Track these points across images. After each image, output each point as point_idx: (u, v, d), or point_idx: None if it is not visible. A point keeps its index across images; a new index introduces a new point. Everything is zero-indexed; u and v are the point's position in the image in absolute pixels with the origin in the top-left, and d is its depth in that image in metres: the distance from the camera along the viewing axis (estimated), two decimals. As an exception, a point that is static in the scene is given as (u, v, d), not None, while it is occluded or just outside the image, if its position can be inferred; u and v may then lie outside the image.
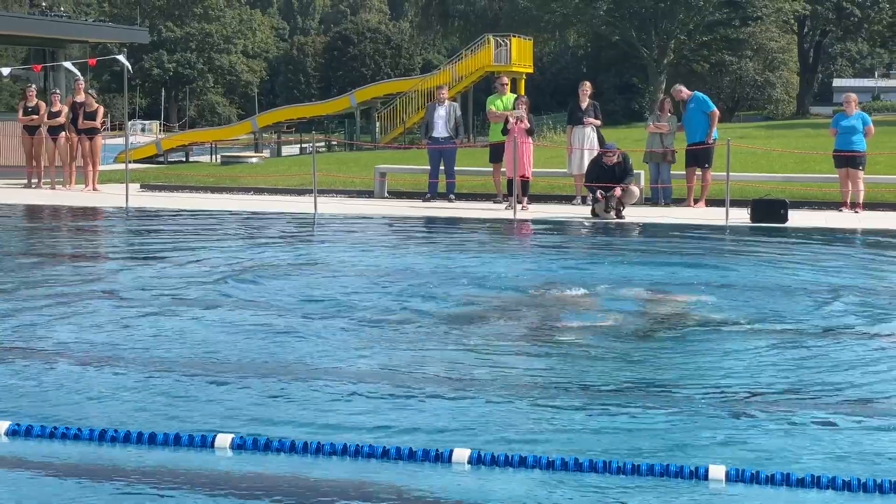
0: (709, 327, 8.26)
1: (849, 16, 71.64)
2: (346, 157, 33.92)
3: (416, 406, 6.08)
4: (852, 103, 18.17)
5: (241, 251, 12.98)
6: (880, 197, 18.60)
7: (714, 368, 7.06)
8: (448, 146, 19.70)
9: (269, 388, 6.42)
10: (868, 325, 8.42)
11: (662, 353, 7.47)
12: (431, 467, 5.02)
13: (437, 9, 73.29)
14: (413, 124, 45.20)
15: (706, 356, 7.46)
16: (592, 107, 19.07)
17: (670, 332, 8.07)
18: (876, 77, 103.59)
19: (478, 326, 8.33)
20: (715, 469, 4.83)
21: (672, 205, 18.69)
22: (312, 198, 18.28)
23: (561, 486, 4.82)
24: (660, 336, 7.96)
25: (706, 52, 68.95)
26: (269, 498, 4.66)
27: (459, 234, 15.47)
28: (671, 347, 7.64)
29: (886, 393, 6.41)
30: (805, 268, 11.53)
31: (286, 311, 8.90)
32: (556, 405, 6.12)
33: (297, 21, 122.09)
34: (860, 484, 4.68)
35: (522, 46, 48.36)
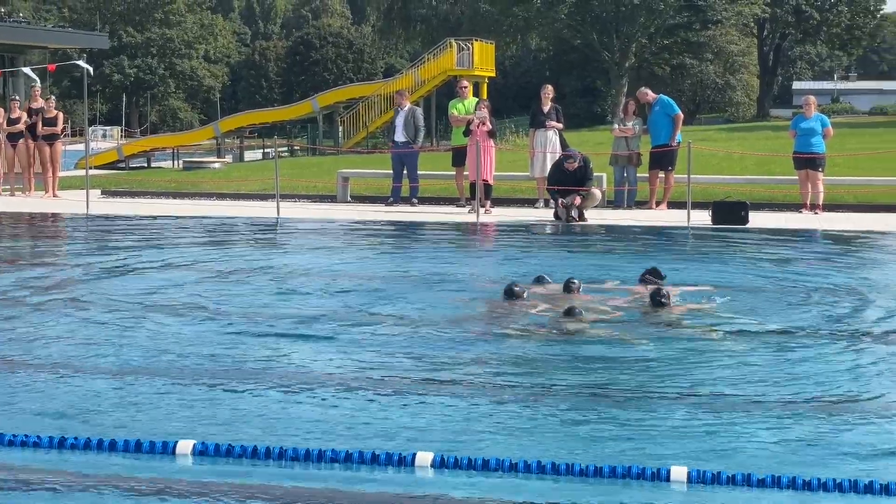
0: (672, 328, 8.29)
1: (808, 19, 72.28)
2: (308, 162, 33.86)
3: (380, 410, 6.07)
4: (811, 105, 18.31)
5: (202, 257, 12.91)
6: (840, 198, 18.74)
7: (676, 368, 7.09)
8: (405, 150, 19.69)
9: (230, 393, 6.38)
10: (835, 325, 8.47)
11: (626, 354, 7.49)
12: (395, 471, 5.01)
13: (399, 13, 73.26)
14: (376, 128, 45.18)
15: (671, 356, 7.49)
16: (554, 110, 19.11)
17: (634, 333, 8.09)
18: (835, 79, 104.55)
19: (439, 329, 8.32)
20: (677, 470, 4.85)
21: (634, 207, 18.76)
22: (275, 203, 18.21)
23: (524, 488, 4.82)
24: (624, 336, 7.98)
25: (667, 55, 69.41)
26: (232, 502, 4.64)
27: (422, 238, 15.46)
28: (635, 348, 7.66)
29: (856, 393, 6.45)
30: (768, 267, 11.59)
31: (246, 316, 8.86)
32: (520, 408, 6.12)
33: (259, 26, 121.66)
34: (820, 483, 4.72)
35: (484, 50, 48.44)
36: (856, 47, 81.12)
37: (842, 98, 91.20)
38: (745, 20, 68.54)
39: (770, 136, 40.09)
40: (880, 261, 12.95)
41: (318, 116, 50.00)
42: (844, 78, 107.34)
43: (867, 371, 7.02)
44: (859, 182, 19.93)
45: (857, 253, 13.68)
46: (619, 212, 18.35)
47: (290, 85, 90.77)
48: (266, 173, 23.93)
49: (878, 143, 32.00)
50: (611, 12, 61.04)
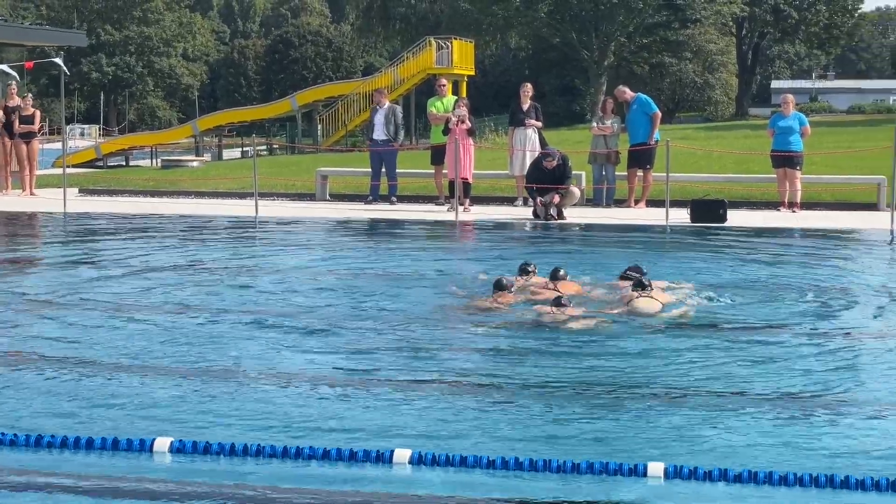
0: (652, 324, 8.31)
1: (786, 18, 72.50)
2: (287, 161, 33.80)
3: (357, 407, 6.06)
4: (789, 104, 18.38)
5: (179, 255, 12.88)
6: (817, 196, 18.82)
7: (655, 364, 7.11)
8: (385, 149, 19.68)
9: (208, 390, 6.37)
10: (811, 321, 8.50)
11: (605, 350, 7.51)
12: (373, 467, 5.00)
13: (378, 12, 73.19)
14: (355, 127, 45.13)
15: (649, 352, 7.51)
16: (534, 108, 19.11)
17: (612, 329, 8.11)
18: (813, 78, 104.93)
19: (417, 326, 8.33)
20: (654, 466, 4.86)
21: (613, 205, 18.79)
22: (253, 201, 18.17)
23: (502, 485, 4.82)
24: (601, 333, 8.00)
25: (646, 54, 69.54)
26: (209, 501, 4.63)
27: (401, 236, 15.46)
28: (615, 344, 7.68)
29: (829, 388, 6.48)
30: (746, 265, 11.63)
31: (222, 314, 8.84)
32: (498, 404, 6.12)
33: (238, 24, 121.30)
34: (796, 478, 4.74)
35: (464, 49, 48.44)
36: (834, 46, 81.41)
37: (820, 97, 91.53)
38: (723, 19, 68.72)
39: (748, 134, 40.20)
40: (857, 258, 13.02)
41: (297, 115, 49.91)
42: (822, 77, 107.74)
43: (841, 367, 7.06)
44: (837, 180, 20.02)
45: (834, 251, 13.73)
46: (598, 210, 18.37)
47: (269, 83, 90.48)
48: (245, 172, 23.87)
49: (855, 142, 32.13)
50: (590, 11, 61.11)
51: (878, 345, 7.74)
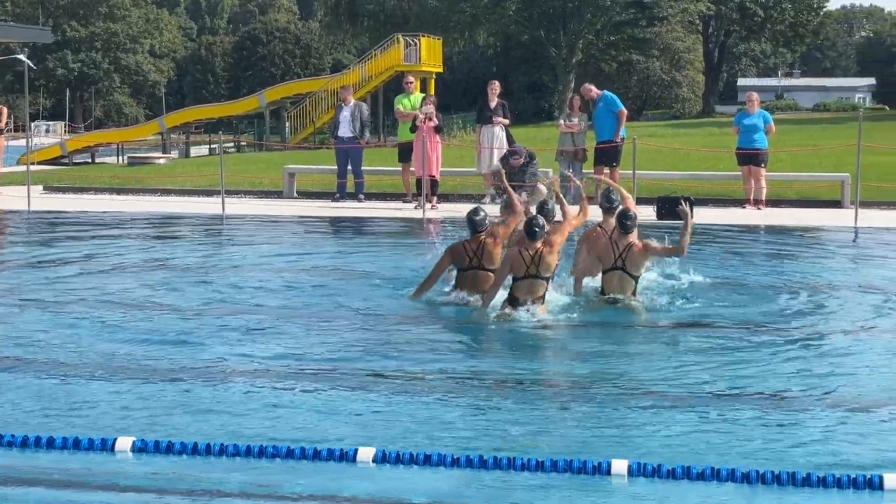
0: (624, 321, 8.33)
1: (752, 16, 72.89)
2: (255, 158, 33.66)
3: (321, 405, 6.05)
4: (754, 102, 18.47)
5: (144, 253, 12.81)
6: (782, 194, 18.92)
7: (622, 361, 7.13)
8: (352, 146, 19.64)
9: (171, 390, 6.34)
10: (779, 319, 8.54)
11: (573, 347, 7.53)
12: (336, 466, 4.99)
13: (346, 8, 72.93)
14: (323, 124, 44.97)
15: (611, 350, 7.53)
16: (501, 106, 19.11)
17: (583, 327, 8.13)
18: (779, 76, 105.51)
19: (383, 324, 8.32)
20: (618, 464, 4.87)
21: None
22: (220, 199, 18.09)
23: (466, 483, 4.82)
24: (571, 330, 8.02)
25: (614, 51, 69.67)
26: (173, 499, 4.61)
27: (368, 233, 15.43)
28: (575, 342, 7.70)
29: (794, 386, 6.52)
30: (711, 263, 11.68)
31: (187, 312, 8.81)
32: (463, 402, 6.13)
33: (205, 21, 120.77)
34: (758, 476, 4.76)
35: (432, 46, 48.40)
36: (799, 44, 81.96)
37: (786, 95, 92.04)
38: (690, 17, 68.95)
39: (715, 132, 40.37)
40: (821, 256, 13.10)
41: (265, 112, 49.72)
42: (788, 75, 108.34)
43: (806, 365, 7.10)
44: (801, 178, 20.14)
45: (798, 248, 13.81)
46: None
47: (236, 80, 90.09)
48: (212, 169, 23.77)
49: (820, 140, 32.32)
50: (558, 8, 61.16)
51: (843, 341, 7.79)
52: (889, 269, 11.48)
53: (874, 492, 4.68)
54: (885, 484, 4.69)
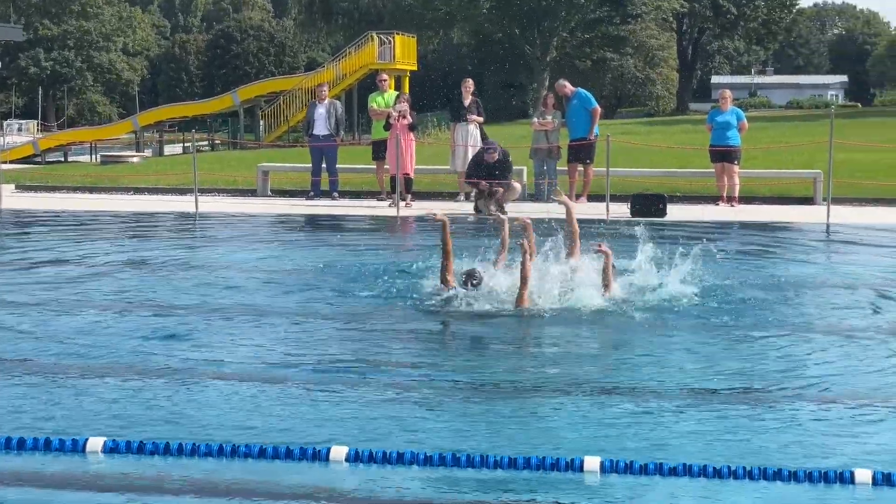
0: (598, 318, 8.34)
1: (725, 13, 73.26)
2: (229, 156, 33.55)
3: (294, 404, 6.03)
4: (727, 99, 18.53)
5: (117, 252, 12.75)
6: (755, 190, 19.00)
7: (595, 358, 7.14)
8: (328, 144, 19.63)
9: (142, 389, 6.31)
10: (753, 316, 8.56)
11: (540, 346, 7.53)
12: (309, 465, 4.98)
13: (320, 6, 72.81)
14: (297, 122, 44.85)
15: (590, 346, 7.55)
16: (475, 104, 19.13)
17: (555, 325, 8.13)
18: (752, 74, 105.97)
19: (355, 322, 8.31)
20: (590, 460, 4.88)
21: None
22: (193, 197, 18.01)
23: (439, 481, 4.82)
24: (543, 328, 8.02)
25: (588, 49, 69.84)
26: (146, 500, 4.59)
27: (342, 231, 15.40)
28: (549, 339, 7.71)
29: (770, 383, 6.54)
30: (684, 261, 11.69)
31: (159, 311, 8.77)
32: (435, 400, 6.12)
33: (179, 18, 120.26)
34: (730, 471, 4.78)
35: (406, 44, 48.36)
36: (772, 42, 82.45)
37: (759, 92, 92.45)
38: (664, 15, 69.20)
39: (689, 129, 40.48)
40: (793, 252, 13.15)
41: (239, 110, 49.55)
42: (761, 72, 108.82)
43: (779, 361, 7.12)
44: (774, 175, 20.23)
45: (772, 244, 13.87)
46: (539, 205, 18.40)
47: (210, 78, 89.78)
48: (186, 167, 23.67)
49: (792, 137, 32.52)
50: (532, 6, 61.23)
51: (815, 338, 7.82)
52: (861, 265, 11.54)
53: (845, 486, 4.70)
54: (855, 478, 4.71)
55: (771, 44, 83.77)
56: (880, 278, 10.44)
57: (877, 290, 9.78)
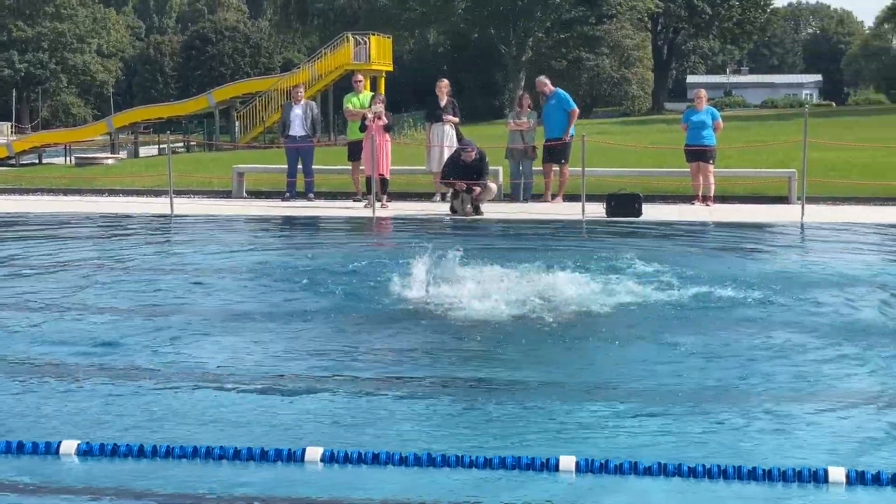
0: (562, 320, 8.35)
1: (700, 13, 73.56)
2: (205, 158, 33.46)
3: (268, 405, 6.02)
4: (702, 99, 18.58)
5: (92, 253, 12.69)
6: (731, 190, 19.08)
7: (567, 358, 7.15)
8: (305, 145, 19.62)
9: (115, 392, 6.28)
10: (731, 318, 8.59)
11: (516, 346, 7.53)
12: (285, 467, 4.97)
13: (296, 7, 72.77)
14: (273, 123, 44.78)
15: (560, 347, 7.55)
16: (451, 104, 19.14)
17: (524, 325, 8.14)
18: (727, 73, 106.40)
19: (331, 323, 8.29)
20: (565, 460, 4.88)
21: (530, 200, 18.88)
22: (169, 199, 17.94)
23: (415, 482, 4.82)
24: (513, 328, 8.02)
25: (564, 49, 70.00)
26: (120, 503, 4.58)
27: (318, 232, 15.39)
28: (524, 339, 7.71)
29: (743, 382, 6.56)
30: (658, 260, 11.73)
31: (135, 312, 8.73)
32: (409, 401, 6.11)
33: (154, 20, 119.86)
34: (705, 470, 4.79)
35: (382, 45, 48.35)
36: (747, 41, 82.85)
37: (734, 91, 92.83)
38: (639, 15, 69.43)
39: (664, 128, 40.64)
40: (768, 251, 13.20)
41: (215, 111, 49.46)
42: (736, 72, 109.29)
43: (753, 361, 7.14)
44: (749, 174, 20.31)
45: (747, 243, 13.92)
46: (515, 205, 18.44)
47: (185, 80, 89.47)
48: (160, 169, 23.60)
49: (767, 136, 32.66)
50: (507, 6, 61.33)
51: (790, 337, 7.84)
52: (835, 264, 11.58)
53: (819, 484, 4.72)
54: (829, 477, 4.73)
55: (745, 43, 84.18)
56: (855, 278, 10.49)
57: (852, 289, 9.82)
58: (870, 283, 10.06)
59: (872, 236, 14.48)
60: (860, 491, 4.68)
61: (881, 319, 8.50)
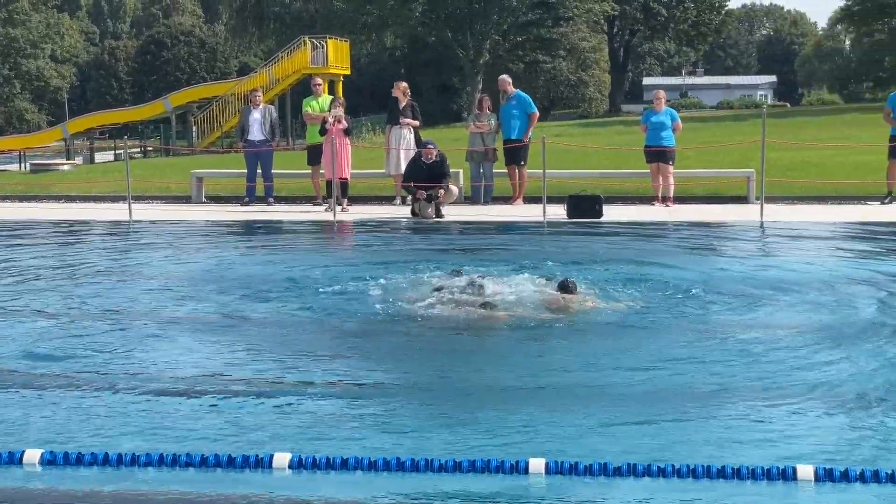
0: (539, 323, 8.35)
1: (655, 15, 73.97)
2: (162, 163, 33.25)
3: (235, 411, 5.97)
4: (661, 100, 18.65)
5: (48, 260, 12.56)
6: (690, 190, 19.17)
7: (536, 362, 7.15)
8: (264, 149, 19.53)
9: (78, 399, 6.21)
10: (694, 317, 8.62)
11: (486, 349, 7.52)
12: (252, 472, 4.93)
13: (252, 11, 72.40)
14: (231, 128, 44.60)
15: (530, 351, 7.55)
16: (410, 107, 19.11)
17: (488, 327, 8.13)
18: (683, 75, 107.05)
19: (292, 329, 8.25)
20: (535, 462, 4.87)
21: (491, 202, 18.89)
22: (127, 205, 17.79)
23: (382, 486, 4.79)
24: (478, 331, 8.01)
25: (521, 52, 70.06)
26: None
27: (278, 237, 15.31)
28: (494, 343, 7.70)
29: (709, 381, 6.58)
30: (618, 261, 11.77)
31: (95, 319, 8.65)
32: (379, 405, 6.08)
33: (108, 25, 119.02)
34: (674, 469, 4.79)
35: (339, 48, 48.25)
36: (702, 43, 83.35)
37: (690, 93, 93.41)
38: (595, 17, 69.64)
39: (622, 130, 40.83)
40: (728, 251, 13.27)
41: (171, 116, 49.18)
42: (692, 73, 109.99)
43: (719, 360, 7.16)
44: (708, 174, 20.42)
45: (707, 244, 13.99)
46: (476, 208, 18.44)
47: (141, 85, 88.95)
48: (118, 175, 23.41)
49: (724, 137, 32.86)
50: (464, 9, 61.37)
51: (752, 335, 7.88)
52: (795, 262, 11.66)
53: (788, 482, 4.73)
54: (798, 475, 4.74)
55: (701, 45, 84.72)
56: (815, 276, 10.56)
57: (812, 286, 9.88)
58: (830, 282, 10.13)
59: (830, 235, 14.59)
60: (829, 488, 4.70)
61: (842, 317, 8.55)
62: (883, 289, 9.72)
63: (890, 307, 8.90)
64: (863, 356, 7.18)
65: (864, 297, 9.33)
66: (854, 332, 7.95)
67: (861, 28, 72.12)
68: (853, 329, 8.08)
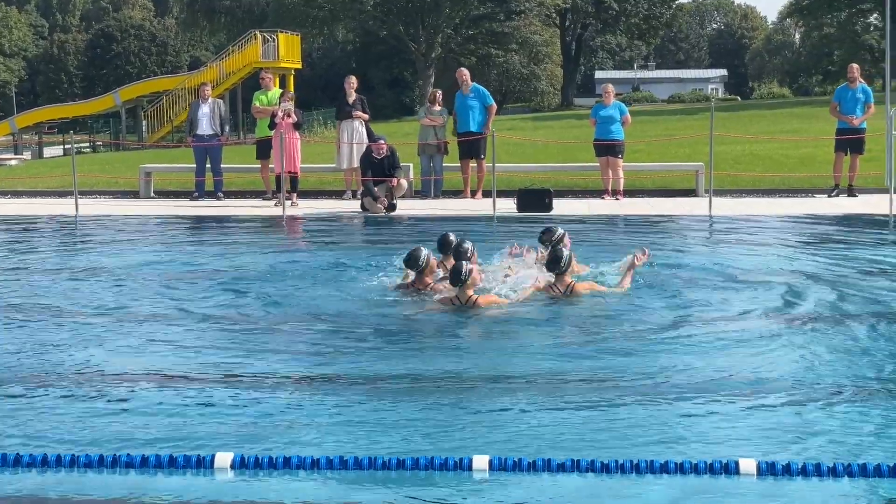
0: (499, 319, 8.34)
1: (607, 9, 74.25)
2: (111, 158, 32.95)
3: (176, 410, 5.90)
4: (610, 94, 18.73)
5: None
6: (639, 184, 19.25)
7: (484, 355, 7.13)
8: (213, 143, 19.41)
9: (28, 399, 6.12)
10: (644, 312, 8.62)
11: (439, 344, 7.51)
12: (195, 474, 4.87)
13: (202, 4, 71.96)
14: (181, 122, 44.32)
15: (479, 344, 7.53)
16: (360, 101, 19.08)
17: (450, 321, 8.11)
18: (635, 68, 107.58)
19: (242, 325, 8.19)
20: (479, 459, 4.85)
21: (442, 196, 18.87)
22: (73, 200, 17.60)
23: (328, 485, 4.75)
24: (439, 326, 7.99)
25: (473, 45, 70.12)
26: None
27: (227, 232, 15.20)
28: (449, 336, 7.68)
29: (655, 375, 6.59)
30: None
31: (40, 316, 8.54)
32: (321, 402, 6.05)
33: (57, 18, 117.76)
34: (618, 465, 4.79)
35: (290, 42, 48.09)
36: (653, 37, 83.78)
37: (642, 87, 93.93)
38: (547, 11, 69.80)
39: (574, 124, 40.93)
40: (678, 243, 13.32)
41: (121, 111, 48.82)
42: (644, 67, 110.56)
43: (666, 354, 7.18)
44: (657, 168, 20.52)
45: (657, 237, 14.04)
46: (427, 201, 18.42)
47: (90, 79, 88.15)
48: (65, 169, 23.18)
49: (675, 130, 33.02)
50: (416, 3, 61.35)
51: (700, 330, 7.91)
52: (741, 255, 11.72)
53: (730, 476, 4.74)
54: (740, 468, 4.75)
55: (652, 39, 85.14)
56: (762, 268, 10.62)
57: (757, 279, 9.94)
58: (776, 274, 10.19)
59: (777, 228, 14.69)
60: (770, 481, 4.71)
61: (787, 309, 8.61)
62: (828, 281, 9.79)
63: (835, 299, 8.96)
64: (809, 348, 7.22)
65: (810, 289, 9.39)
66: (799, 325, 8.01)
67: (810, 22, 72.78)
68: (798, 321, 8.13)
